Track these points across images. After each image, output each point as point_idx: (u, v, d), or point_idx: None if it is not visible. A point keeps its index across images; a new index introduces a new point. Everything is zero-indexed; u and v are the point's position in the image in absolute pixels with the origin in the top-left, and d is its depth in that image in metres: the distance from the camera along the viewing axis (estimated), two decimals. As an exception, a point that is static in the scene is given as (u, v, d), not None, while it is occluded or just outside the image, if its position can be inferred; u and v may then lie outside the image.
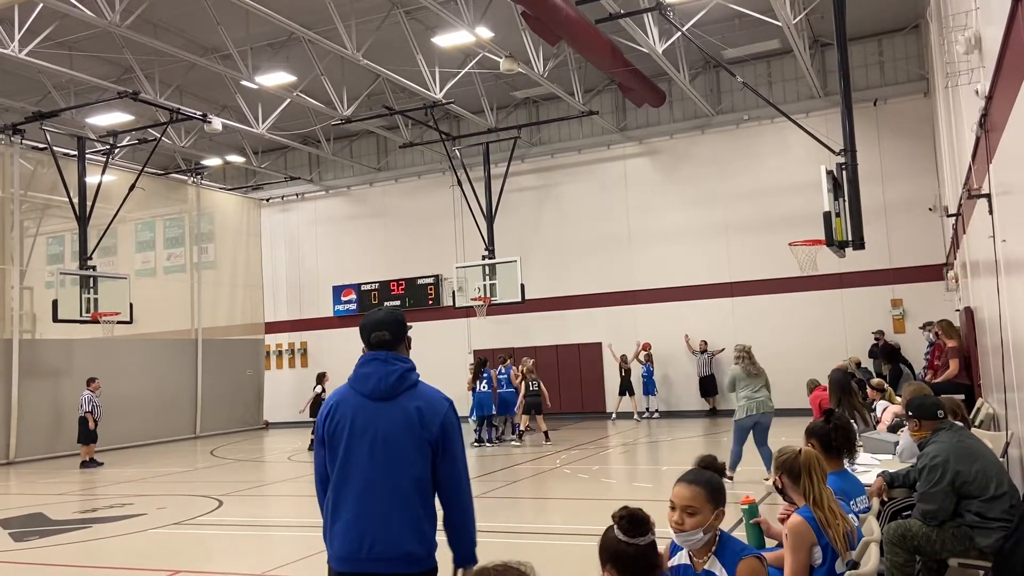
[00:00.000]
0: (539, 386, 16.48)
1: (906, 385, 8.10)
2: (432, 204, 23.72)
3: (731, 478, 9.85)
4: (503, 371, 17.03)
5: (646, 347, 20.17)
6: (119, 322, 18.43)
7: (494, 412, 16.79)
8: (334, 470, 3.30)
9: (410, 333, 3.54)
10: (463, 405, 21.39)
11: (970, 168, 8.40)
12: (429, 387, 3.43)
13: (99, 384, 17.31)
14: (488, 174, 20.82)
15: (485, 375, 16.63)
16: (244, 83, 17.46)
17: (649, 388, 20.01)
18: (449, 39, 16.28)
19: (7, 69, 17.37)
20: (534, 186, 22.66)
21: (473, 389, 16.51)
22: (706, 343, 20.03)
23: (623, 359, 20.05)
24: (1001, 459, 5.48)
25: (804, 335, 18.92)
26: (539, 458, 14.40)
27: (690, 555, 3.11)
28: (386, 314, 3.47)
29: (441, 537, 3.35)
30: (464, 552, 3.36)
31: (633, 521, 2.71)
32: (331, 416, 3.34)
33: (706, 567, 3.05)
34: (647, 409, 20.21)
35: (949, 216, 13.27)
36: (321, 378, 17.98)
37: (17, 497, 13.87)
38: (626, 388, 19.91)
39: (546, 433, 16.38)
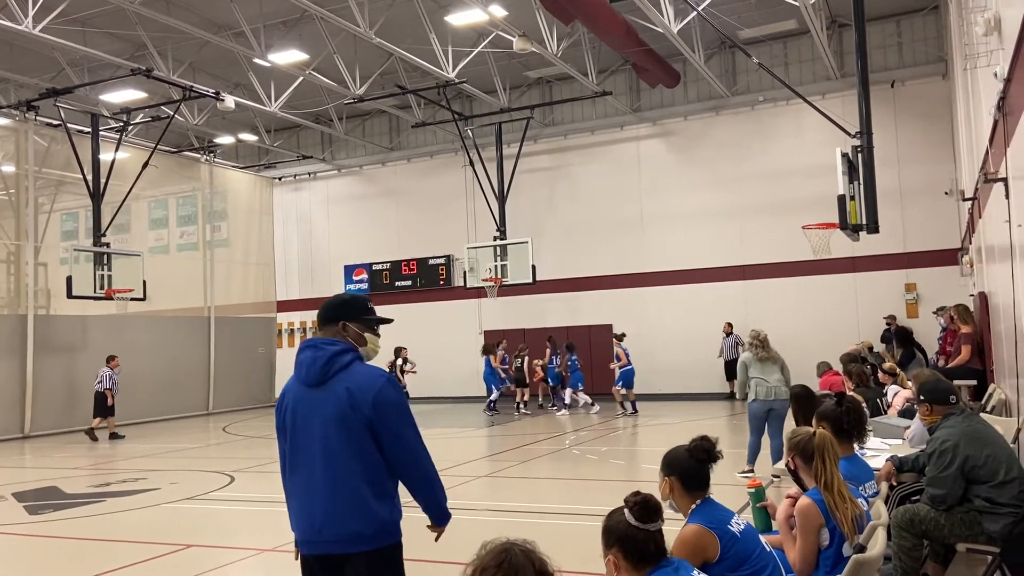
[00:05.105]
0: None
1: (915, 371, 8.02)
2: (444, 184, 23.68)
3: (751, 471, 9.39)
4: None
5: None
6: (132, 299, 18.60)
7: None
8: (285, 457, 3.42)
9: (374, 316, 3.50)
10: (474, 384, 21.44)
11: (987, 152, 8.31)
12: (365, 366, 3.39)
13: (119, 362, 17.45)
14: (500, 154, 20.75)
15: (571, 357, 19.18)
16: (257, 61, 17.42)
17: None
18: (462, 18, 16.18)
19: (21, 45, 17.40)
20: (547, 167, 22.57)
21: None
22: (731, 325, 19.44)
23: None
24: (1012, 445, 5.46)
25: (816, 319, 18.79)
26: (548, 438, 14.44)
27: None
28: (330, 300, 3.55)
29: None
30: (435, 515, 3.46)
31: (646, 507, 2.75)
32: (280, 405, 3.47)
33: None
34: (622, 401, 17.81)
35: (965, 200, 13.15)
36: (399, 352, 18.82)
37: (32, 471, 14.06)
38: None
39: None
